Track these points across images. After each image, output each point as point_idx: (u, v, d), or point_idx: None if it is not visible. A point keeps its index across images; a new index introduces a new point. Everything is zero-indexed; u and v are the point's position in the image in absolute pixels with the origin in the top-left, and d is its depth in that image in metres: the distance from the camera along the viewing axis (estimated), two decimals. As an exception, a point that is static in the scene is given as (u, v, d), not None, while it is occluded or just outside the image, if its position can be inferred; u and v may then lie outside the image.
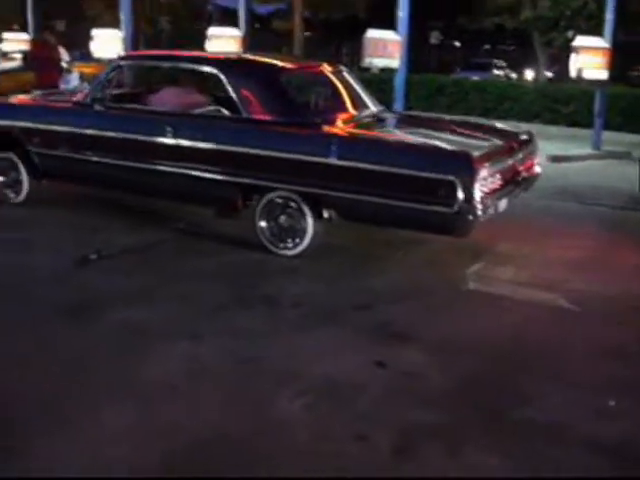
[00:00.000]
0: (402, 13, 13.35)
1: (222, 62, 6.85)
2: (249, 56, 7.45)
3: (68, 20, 41.21)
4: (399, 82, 13.46)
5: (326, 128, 6.11)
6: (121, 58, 7.69)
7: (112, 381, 4.05)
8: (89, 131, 7.03)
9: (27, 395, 3.89)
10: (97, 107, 7.04)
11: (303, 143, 6.02)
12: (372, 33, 13.04)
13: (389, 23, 13.62)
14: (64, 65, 13.79)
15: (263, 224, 6.20)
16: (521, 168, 6.34)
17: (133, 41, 19.81)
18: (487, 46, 41.67)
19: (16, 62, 17.79)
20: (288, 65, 7.05)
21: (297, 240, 6.08)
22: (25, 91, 11.84)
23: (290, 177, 5.96)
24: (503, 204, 5.90)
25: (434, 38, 40.14)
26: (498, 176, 5.74)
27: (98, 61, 17.58)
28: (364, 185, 5.66)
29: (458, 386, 4.09)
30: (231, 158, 6.21)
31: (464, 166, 5.34)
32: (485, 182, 5.46)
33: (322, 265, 6.02)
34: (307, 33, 37.84)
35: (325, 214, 5.99)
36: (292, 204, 6.05)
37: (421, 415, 3.75)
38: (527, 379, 4.20)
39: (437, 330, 4.84)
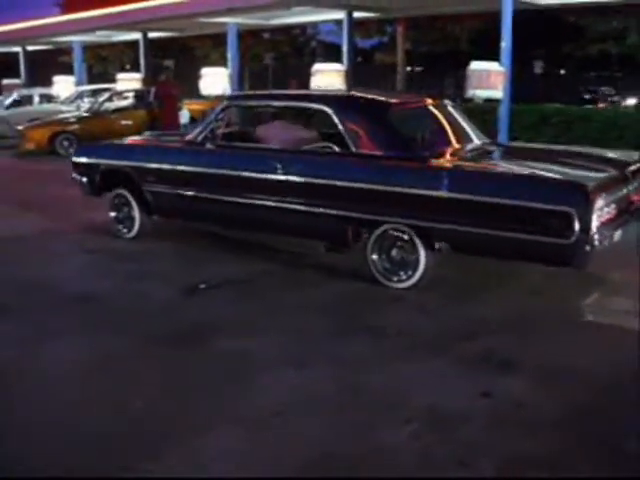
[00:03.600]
0: (505, 43, 13.35)
1: (331, 99, 6.98)
2: (356, 93, 7.53)
3: (177, 59, 42.73)
4: (503, 112, 13.42)
5: (435, 162, 6.14)
6: (230, 98, 7.93)
7: (219, 407, 4.17)
8: (200, 169, 7.28)
9: (138, 420, 4.05)
10: (208, 146, 7.31)
11: (413, 177, 6.03)
12: (475, 65, 13.07)
13: (492, 54, 13.62)
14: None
15: (375, 257, 6.23)
16: (635, 197, 6.18)
17: (239, 78, 20.44)
18: (593, 73, 40.85)
19: (129, 100, 18.54)
20: (395, 100, 7.12)
21: (410, 272, 6.08)
22: (138, 129, 12.46)
23: (401, 210, 6.00)
24: (618, 234, 5.74)
25: (538, 67, 39.65)
26: (613, 206, 5.62)
27: (206, 98, 18.21)
28: (477, 217, 5.65)
29: (566, 417, 4.02)
30: (341, 193, 6.29)
31: (580, 197, 5.27)
32: (601, 212, 5.37)
33: (427, 295, 6.02)
34: (409, 67, 38.02)
35: (436, 246, 5.97)
36: (404, 237, 6.06)
37: (526, 445, 3.70)
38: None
39: (544, 360, 4.76)
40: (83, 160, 8.58)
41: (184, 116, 14.84)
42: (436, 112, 7.12)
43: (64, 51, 34.29)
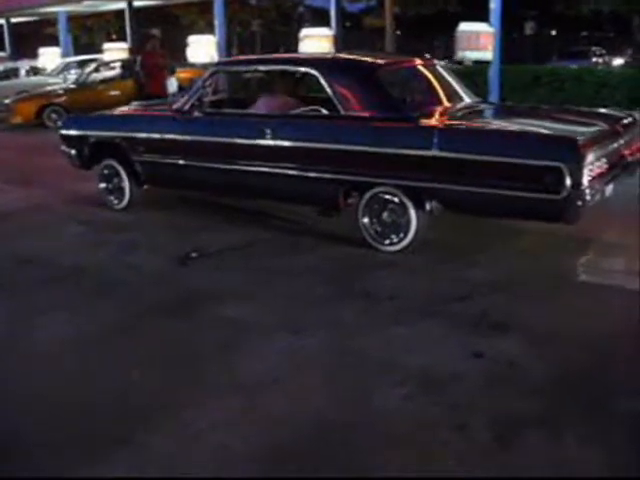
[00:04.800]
0: (494, 4, 13.22)
1: (319, 62, 6.92)
2: (344, 55, 7.46)
3: (163, 28, 42.24)
4: (493, 74, 13.33)
5: (424, 121, 6.08)
6: (217, 64, 7.90)
7: (215, 374, 4.18)
8: (189, 137, 7.24)
9: (135, 387, 4.06)
10: (196, 113, 7.25)
11: (403, 137, 5.97)
12: (464, 26, 12.97)
13: (481, 16, 13.50)
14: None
15: (366, 221, 6.22)
16: (626, 152, 6.13)
17: (227, 45, 20.23)
18: (584, 33, 40.59)
19: (116, 71, 18.38)
20: (383, 62, 7.04)
21: (401, 235, 6.06)
22: (126, 99, 12.35)
23: (391, 172, 5.96)
24: (609, 189, 5.76)
25: (529, 28, 39.40)
26: (604, 160, 5.57)
27: (193, 66, 18.07)
28: (468, 176, 5.60)
29: (559, 377, 4.03)
30: (331, 156, 6.26)
31: (571, 152, 5.23)
32: (592, 167, 5.33)
33: (419, 258, 6.02)
34: (398, 31, 37.72)
35: (427, 207, 5.94)
36: (394, 199, 6.03)
37: (520, 405, 3.71)
38: (635, 372, 4.10)
39: (538, 321, 4.76)
40: (71, 132, 8.51)
41: (172, 84, 14.70)
42: (425, 72, 7.07)
43: (49, 22, 33.91)
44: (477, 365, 4.17)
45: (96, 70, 18.26)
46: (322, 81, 6.45)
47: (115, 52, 21.07)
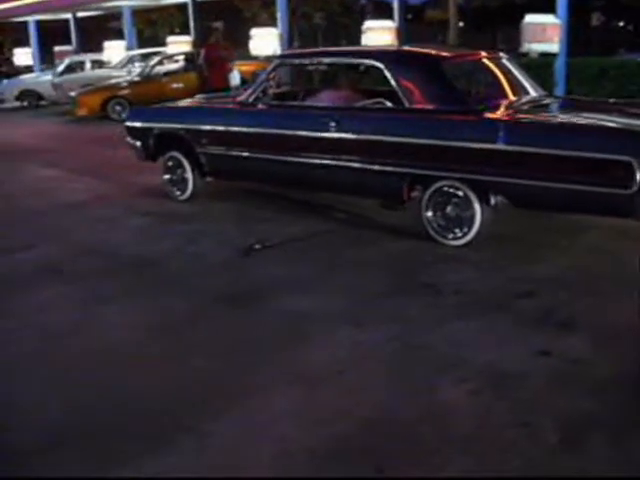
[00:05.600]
0: (561, -5, 12.95)
1: (384, 54, 6.91)
2: (409, 48, 7.38)
3: (226, 21, 42.44)
4: (559, 67, 13.08)
5: (490, 114, 5.99)
6: (281, 57, 7.95)
7: (278, 366, 4.17)
8: (253, 129, 7.27)
9: (200, 379, 4.07)
10: (260, 106, 7.31)
11: (467, 130, 5.91)
12: (530, 18, 12.74)
13: (547, 7, 13.26)
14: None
15: (430, 214, 6.17)
16: None
17: (289, 38, 20.26)
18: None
19: (179, 63, 18.55)
20: (447, 54, 7.03)
21: (465, 229, 6.00)
22: (189, 92, 12.47)
23: (456, 165, 5.89)
24: None
25: (595, 19, 38.60)
26: None
27: (256, 58, 18.13)
28: (534, 170, 5.50)
29: (626, 376, 3.93)
30: (395, 149, 6.23)
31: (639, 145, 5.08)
32: None
33: (484, 253, 5.92)
34: (461, 23, 37.32)
35: (492, 201, 5.87)
36: (459, 193, 5.97)
37: (587, 404, 3.62)
38: None
39: (604, 319, 4.65)
40: (136, 124, 8.61)
41: (235, 77, 14.77)
42: (491, 65, 6.98)
43: (114, 16, 34.39)
44: (543, 362, 4.08)
45: (160, 63, 18.47)
46: (387, 74, 6.41)
47: (178, 45, 21.25)
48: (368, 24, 16.97)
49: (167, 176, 8.28)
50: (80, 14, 29.83)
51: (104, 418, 3.70)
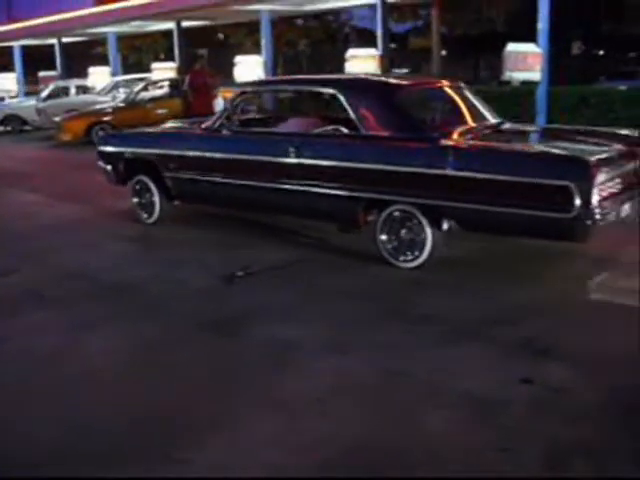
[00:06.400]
0: (542, 25, 13.13)
1: (340, 82, 7.14)
2: (364, 76, 7.61)
3: (211, 48, 42.61)
4: (541, 95, 13.21)
5: (442, 141, 6.12)
6: (244, 85, 8.11)
7: (261, 393, 4.17)
8: (217, 155, 7.48)
9: (183, 405, 4.06)
10: (224, 132, 7.49)
11: (420, 156, 6.09)
12: (512, 46, 12.87)
13: (528, 36, 13.42)
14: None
15: (384, 237, 6.33)
16: None
17: (273, 65, 20.39)
18: (633, 54, 40.07)
19: (164, 89, 18.60)
20: (403, 83, 7.26)
21: (417, 252, 6.16)
22: (174, 118, 12.50)
23: (408, 190, 6.08)
24: (626, 210, 5.81)
25: (576, 48, 39.04)
26: (618, 181, 5.65)
27: (240, 85, 18.18)
28: (482, 195, 5.70)
29: (607, 402, 3.95)
30: (350, 174, 6.40)
31: (580, 171, 5.32)
32: (603, 187, 5.42)
33: (451, 277, 6.01)
34: (444, 51, 37.66)
35: (445, 226, 6.03)
36: (411, 217, 6.15)
37: (568, 430, 3.63)
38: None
39: (577, 344, 4.67)
40: (107, 149, 8.80)
41: (219, 104, 14.83)
42: (448, 93, 7.22)
43: (98, 42, 34.52)
44: (524, 390, 4.09)
45: (144, 89, 18.51)
46: (343, 101, 6.61)
47: (163, 71, 21.35)
48: (352, 52, 17.09)
49: (136, 199, 8.47)
50: (65, 39, 29.91)
51: (79, 447, 3.67)
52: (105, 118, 17.48)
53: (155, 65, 23.26)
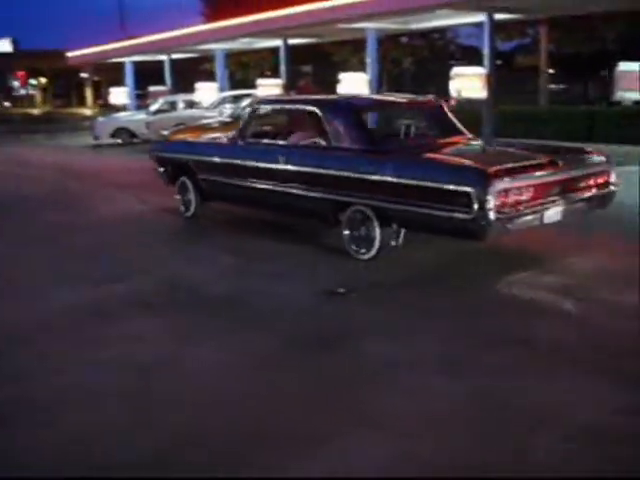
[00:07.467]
0: (658, 43, 12.72)
1: (320, 102, 8.50)
2: (338, 97, 9.76)
3: (316, 65, 43.01)
4: (654, 115, 12.80)
5: (385, 152, 7.44)
6: (255, 104, 9.83)
7: (364, 412, 4.14)
8: (232, 161, 9.03)
9: (287, 418, 4.10)
10: (239, 142, 9.04)
11: (367, 165, 7.30)
12: (624, 66, 12.54)
13: (643, 54, 13.03)
14: None
15: (347, 232, 7.52)
16: (580, 184, 7.06)
17: (378, 83, 20.41)
18: None
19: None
20: (372, 102, 9.24)
21: (369, 246, 7.24)
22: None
23: (361, 194, 7.28)
24: (552, 215, 6.72)
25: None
26: (532, 189, 6.54)
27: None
28: (409, 197, 6.79)
29: None
30: (322, 179, 7.72)
31: (479, 179, 6.27)
32: (505, 193, 6.30)
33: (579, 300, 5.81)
34: (551, 69, 36.94)
35: (394, 224, 7.10)
36: (366, 216, 7.26)
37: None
38: None
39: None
40: (160, 154, 10.71)
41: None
42: (423, 110, 8.84)
43: (206, 59, 35.32)
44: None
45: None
46: (321, 117, 7.98)
47: (268, 87, 21.67)
48: (457, 70, 16.98)
49: (179, 196, 10.08)
50: (175, 56, 30.77)
51: (184, 455, 3.73)
52: (212, 132, 17.79)
53: (261, 81, 23.65)
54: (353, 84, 18.74)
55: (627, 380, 4.44)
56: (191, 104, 23.70)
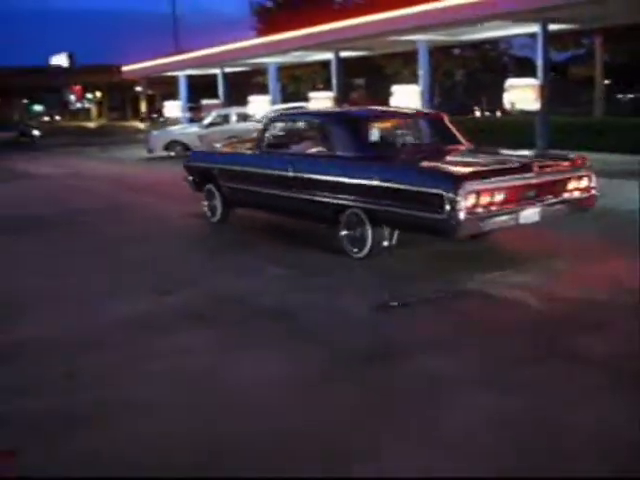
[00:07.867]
0: None
1: (325, 114, 9.81)
2: (341, 110, 10.65)
3: (368, 77, 43.07)
4: None
5: (376, 160, 8.04)
6: (269, 117, 10.89)
7: (413, 426, 4.14)
8: (250, 169, 9.76)
9: (340, 431, 4.09)
10: (256, 152, 9.78)
11: (355, 170, 8.01)
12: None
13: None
14: None
15: (344, 233, 8.11)
16: (557, 188, 7.60)
17: (430, 94, 20.35)
18: None
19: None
20: (371, 114, 9.68)
21: (362, 246, 7.85)
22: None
23: (357, 197, 7.90)
24: (528, 216, 7.28)
25: None
26: (504, 191, 7.06)
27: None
28: (391, 199, 7.44)
29: None
30: (324, 184, 8.37)
31: (449, 182, 6.87)
32: (476, 195, 6.83)
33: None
34: (606, 80, 36.44)
35: (382, 224, 7.68)
36: (360, 218, 7.85)
37: None
38: None
39: None
40: (189, 164, 11.43)
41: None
42: (422, 121, 9.51)
43: (259, 72, 35.64)
44: None
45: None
46: (326, 128, 8.81)
47: (321, 100, 21.77)
48: (511, 82, 16.86)
49: (206, 202, 10.75)
50: (228, 69, 31.11)
51: (235, 465, 3.77)
52: (264, 145, 17.93)
53: (312, 94, 23.76)
54: (405, 96, 18.72)
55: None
56: (244, 117, 23.88)
